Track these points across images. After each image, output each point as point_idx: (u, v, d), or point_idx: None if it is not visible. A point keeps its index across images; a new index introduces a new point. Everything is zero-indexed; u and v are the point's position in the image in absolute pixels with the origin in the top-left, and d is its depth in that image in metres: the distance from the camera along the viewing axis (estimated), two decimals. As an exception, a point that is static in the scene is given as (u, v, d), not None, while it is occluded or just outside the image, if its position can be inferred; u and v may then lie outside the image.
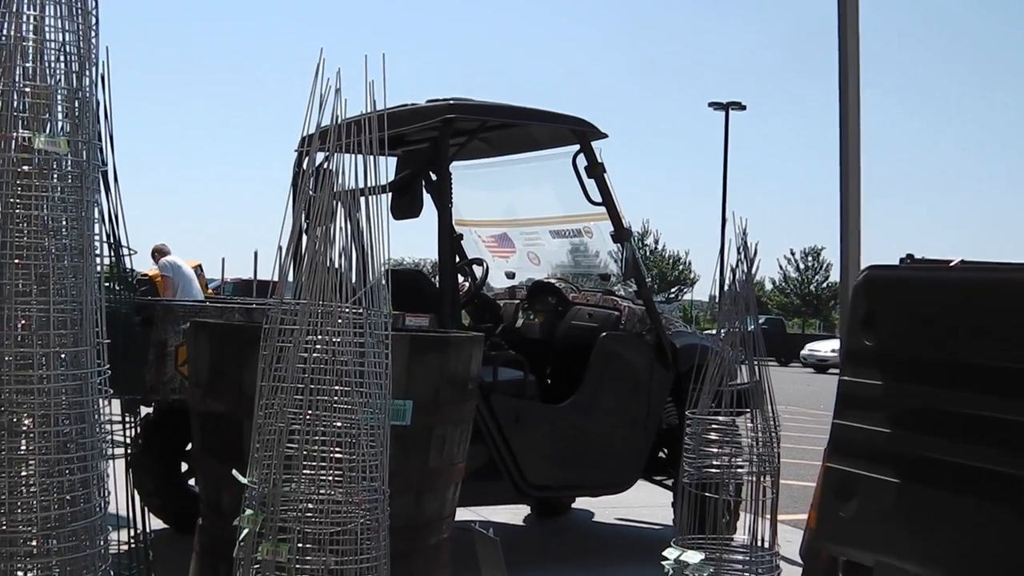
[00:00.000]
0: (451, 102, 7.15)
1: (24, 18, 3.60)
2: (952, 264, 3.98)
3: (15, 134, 3.54)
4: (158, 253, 14.19)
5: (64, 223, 3.65)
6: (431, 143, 7.29)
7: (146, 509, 6.47)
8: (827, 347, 41.75)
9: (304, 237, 3.75)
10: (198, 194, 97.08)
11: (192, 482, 7.32)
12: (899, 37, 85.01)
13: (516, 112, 7.45)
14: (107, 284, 5.88)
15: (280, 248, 3.71)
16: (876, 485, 3.88)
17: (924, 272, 4.03)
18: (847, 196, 6.70)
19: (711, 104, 47.68)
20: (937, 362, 3.77)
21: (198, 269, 16.39)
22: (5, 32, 3.58)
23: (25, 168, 3.55)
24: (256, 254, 18.02)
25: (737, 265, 5.06)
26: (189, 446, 7.05)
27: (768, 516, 5.06)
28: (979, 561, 3.58)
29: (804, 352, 44.56)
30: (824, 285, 65.63)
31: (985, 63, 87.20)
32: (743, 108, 47.75)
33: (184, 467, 7.47)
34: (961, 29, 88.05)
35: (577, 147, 7.49)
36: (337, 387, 3.59)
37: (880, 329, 4.00)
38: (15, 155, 3.54)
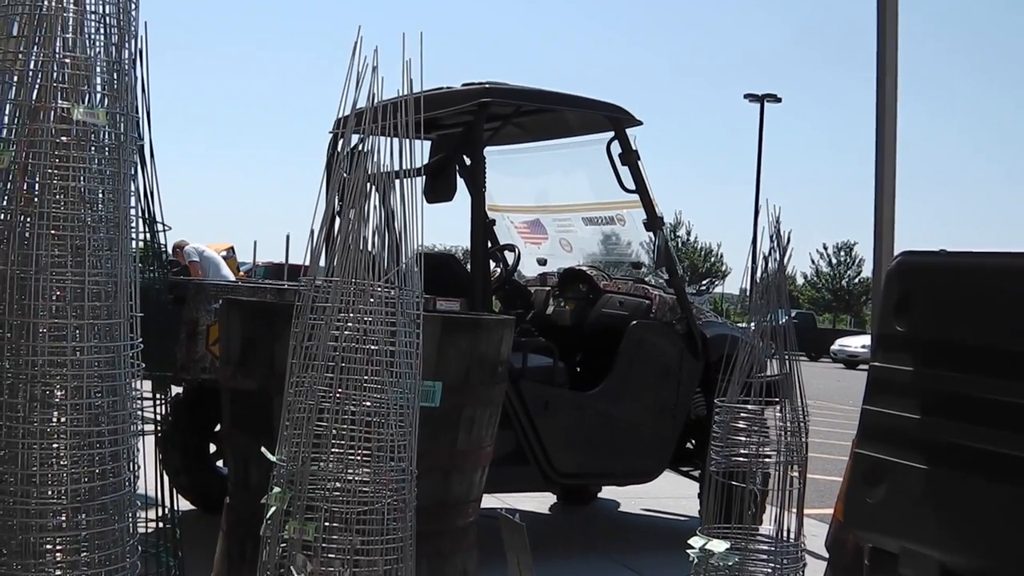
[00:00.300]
0: (486, 86, 7.14)
1: (64, -11, 3.62)
2: (995, 252, 3.95)
3: (54, 105, 3.56)
4: (178, 248, 14.25)
5: (100, 195, 3.67)
6: (466, 127, 7.28)
7: (174, 488, 6.51)
8: (857, 343, 41.61)
9: (337, 219, 3.75)
10: (231, 175, 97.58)
11: (220, 463, 7.36)
12: (936, 39, 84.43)
13: (551, 97, 7.44)
14: (140, 261, 5.90)
15: (312, 231, 3.72)
16: (904, 471, 3.86)
17: (958, 258, 4.00)
18: (882, 188, 6.67)
19: (747, 96, 47.64)
20: (969, 348, 3.75)
21: (230, 251, 16.42)
22: (45, 3, 3.59)
23: (63, 139, 3.56)
24: (288, 237, 18.01)
25: (770, 254, 5.04)
26: (218, 426, 7.08)
27: (795, 508, 5.05)
28: (1005, 549, 3.55)
29: (834, 347, 44.44)
30: (856, 281, 65.44)
31: (1017, 66, 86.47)
32: (779, 101, 47.67)
33: (212, 448, 7.50)
34: (997, 34, 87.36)
35: (611, 134, 7.48)
36: (367, 366, 3.59)
37: (912, 315, 3.98)
38: (54, 126, 3.55)
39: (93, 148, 3.63)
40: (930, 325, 3.93)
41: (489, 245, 7.93)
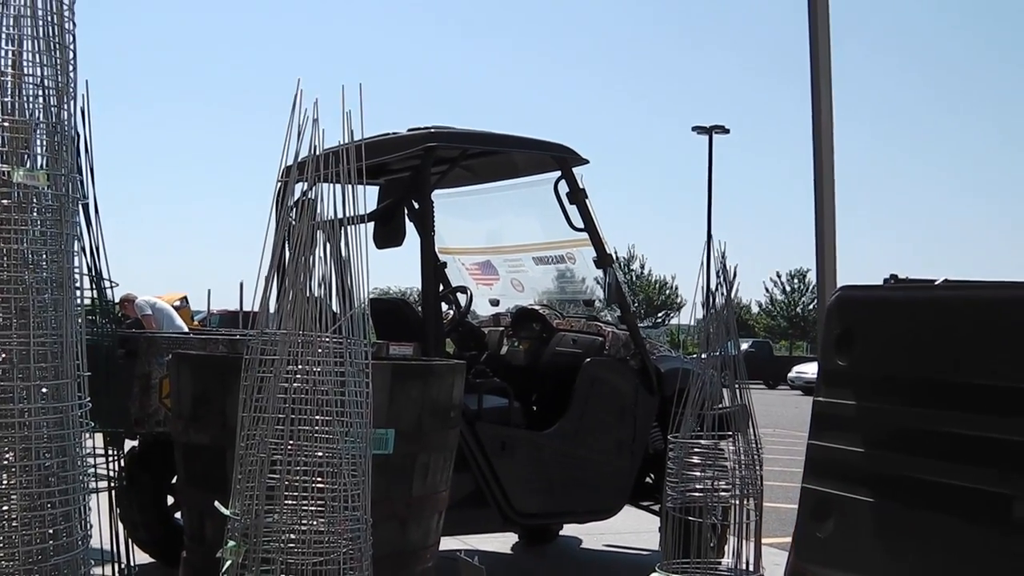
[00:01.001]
0: (432, 130, 7.16)
1: (2, 53, 3.62)
2: (936, 283, 4.00)
3: (-7, 169, 3.56)
4: (127, 302, 14.09)
5: (44, 256, 3.67)
6: (413, 171, 7.31)
7: (131, 542, 6.46)
8: (814, 369, 41.45)
9: (285, 267, 3.76)
10: (182, 226, 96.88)
11: (178, 515, 7.30)
12: (872, 61, 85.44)
13: (497, 140, 7.47)
14: (90, 317, 5.88)
15: (259, 279, 3.73)
16: (851, 505, 3.90)
17: (896, 291, 4.05)
18: (823, 218, 6.71)
19: (694, 128, 47.85)
20: (910, 381, 3.79)
21: (183, 301, 16.34)
22: (-18, 67, 3.60)
23: (4, 202, 3.56)
24: (241, 285, 18.03)
25: (717, 288, 5.09)
26: (175, 479, 7.04)
27: (752, 538, 5.08)
28: None
29: (791, 375, 44.55)
30: (811, 307, 65.69)
31: (956, 84, 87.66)
32: (727, 132, 47.95)
33: (170, 500, 7.44)
34: (934, 53, 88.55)
35: (559, 173, 7.51)
36: (318, 416, 3.60)
37: (853, 349, 4.02)
38: (-7, 190, 3.55)
39: (35, 210, 3.64)
40: (871, 359, 3.97)
41: (441, 288, 7.94)
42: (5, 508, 3.61)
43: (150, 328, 13.26)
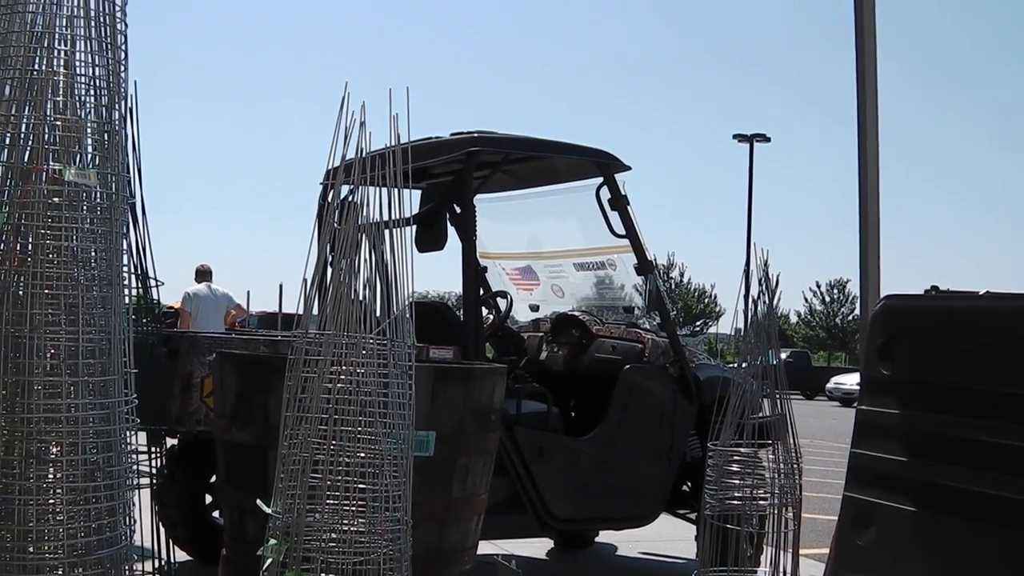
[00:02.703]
0: (475, 135, 7.18)
1: (55, 53, 3.67)
2: (980, 294, 3.99)
3: (46, 166, 3.60)
4: (197, 275, 14.11)
5: (93, 254, 3.71)
6: (455, 176, 7.33)
7: (170, 540, 6.51)
8: (853, 380, 41.43)
9: (329, 269, 3.79)
10: (223, 227, 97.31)
11: (216, 514, 7.35)
12: (915, 85, 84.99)
13: (539, 145, 7.48)
14: (133, 316, 5.93)
15: (305, 281, 3.75)
16: (893, 513, 3.89)
17: (940, 301, 4.04)
18: (866, 227, 6.69)
19: (736, 136, 47.73)
20: (954, 391, 3.78)
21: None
22: (37, 67, 3.65)
23: (55, 200, 3.61)
24: (281, 287, 18.06)
25: (759, 297, 5.08)
26: (213, 478, 7.09)
27: (790, 549, 5.07)
28: None
29: (830, 385, 44.32)
30: (850, 318, 65.35)
31: (995, 102, 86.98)
32: (768, 140, 47.80)
33: (208, 499, 7.49)
34: (974, 73, 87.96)
35: (600, 179, 7.52)
36: (361, 418, 3.62)
37: (897, 358, 4.02)
38: (46, 187, 3.60)
39: (85, 208, 3.68)
40: (915, 368, 3.97)
41: (481, 292, 7.95)
42: (51, 502, 3.65)
43: (185, 324, 13.27)
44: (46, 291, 3.60)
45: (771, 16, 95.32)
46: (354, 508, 3.63)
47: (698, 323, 65.12)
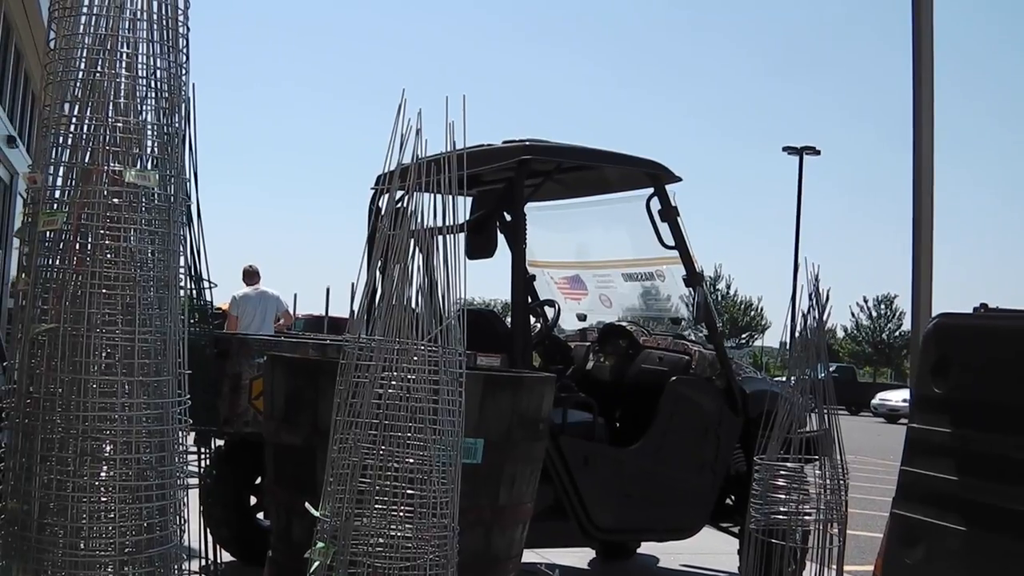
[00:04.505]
0: (527, 143, 7.20)
1: (118, 56, 3.71)
2: None
3: (107, 167, 3.65)
4: (245, 276, 14.09)
5: (151, 255, 3.75)
6: (506, 183, 7.34)
7: (216, 541, 6.55)
8: (898, 396, 41.23)
9: (379, 275, 3.80)
10: (269, 230, 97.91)
11: (261, 515, 7.39)
12: (972, 95, 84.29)
13: (591, 154, 7.49)
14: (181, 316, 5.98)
15: (353, 285, 3.78)
16: (942, 532, 3.87)
17: (994, 320, 4.02)
18: (920, 243, 6.67)
19: (785, 148, 47.49)
20: (1007, 410, 3.76)
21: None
22: (99, 69, 3.69)
23: (115, 201, 3.65)
24: (328, 291, 18.12)
25: (808, 311, 5.06)
26: (259, 479, 7.13)
27: (835, 565, 5.05)
28: None
29: (875, 401, 44.03)
30: (896, 334, 64.97)
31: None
32: (817, 153, 47.51)
33: (253, 501, 7.53)
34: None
35: (651, 190, 7.52)
36: (410, 424, 3.64)
37: (950, 376, 4.00)
38: (106, 188, 3.64)
39: (144, 209, 3.72)
40: (968, 387, 3.95)
41: (529, 300, 7.96)
42: (104, 499, 3.69)
43: (231, 327, 13.26)
44: (104, 291, 3.64)
45: (824, 28, 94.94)
46: (402, 513, 3.65)
47: (744, 335, 64.87)
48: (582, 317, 8.99)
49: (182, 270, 3.91)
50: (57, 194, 3.76)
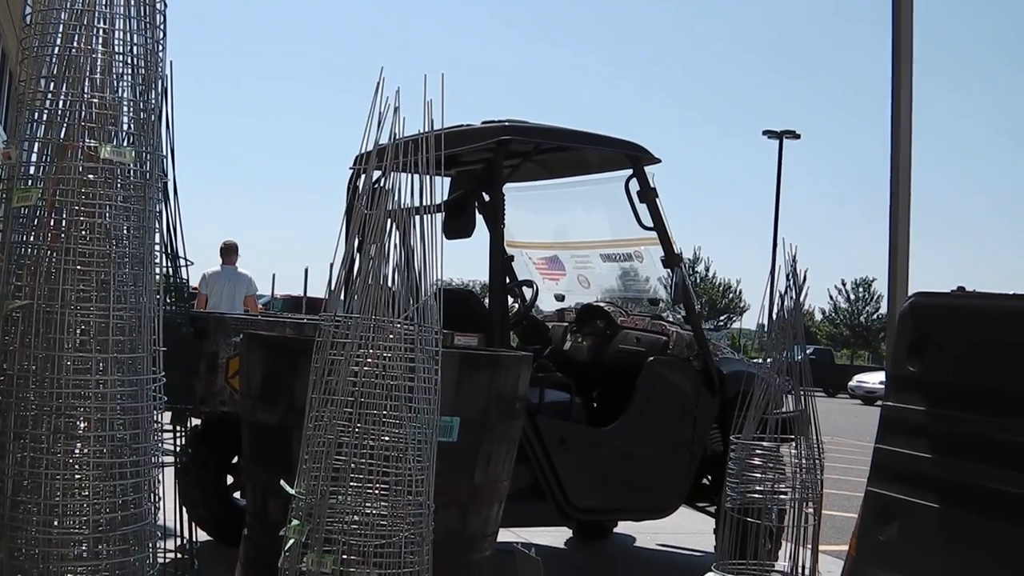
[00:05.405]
0: (506, 124, 7.19)
1: (94, 31, 3.69)
2: (1011, 295, 3.98)
3: (82, 143, 3.63)
4: (222, 252, 13.88)
5: (126, 231, 3.73)
6: (485, 164, 7.33)
7: (192, 520, 6.55)
8: (875, 379, 41.43)
9: (357, 254, 3.80)
10: (248, 209, 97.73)
11: (237, 495, 7.39)
12: (951, 90, 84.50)
13: (570, 135, 7.49)
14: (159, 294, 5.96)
15: (332, 265, 3.77)
16: (916, 510, 3.89)
17: (970, 300, 4.04)
18: (896, 225, 6.70)
19: (765, 132, 47.50)
20: (981, 390, 3.78)
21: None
22: (76, 44, 3.67)
23: (90, 177, 3.63)
24: (306, 271, 18.15)
25: (786, 292, 5.08)
26: (235, 459, 7.12)
27: (810, 544, 5.07)
28: None
29: (852, 383, 44.25)
30: (874, 316, 65.18)
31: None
32: (797, 137, 47.52)
33: (230, 480, 7.53)
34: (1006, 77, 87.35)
35: (630, 171, 7.52)
36: (386, 401, 3.63)
37: (925, 355, 4.01)
38: (81, 164, 3.62)
39: (119, 185, 3.71)
40: (943, 366, 3.96)
41: (507, 281, 7.96)
42: (78, 477, 3.68)
43: (200, 304, 13.09)
44: (78, 267, 3.62)
45: (804, 12, 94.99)
46: (377, 491, 3.65)
47: (722, 318, 64.99)
48: (560, 297, 9.00)
49: (157, 247, 3.89)
50: (32, 170, 3.74)
